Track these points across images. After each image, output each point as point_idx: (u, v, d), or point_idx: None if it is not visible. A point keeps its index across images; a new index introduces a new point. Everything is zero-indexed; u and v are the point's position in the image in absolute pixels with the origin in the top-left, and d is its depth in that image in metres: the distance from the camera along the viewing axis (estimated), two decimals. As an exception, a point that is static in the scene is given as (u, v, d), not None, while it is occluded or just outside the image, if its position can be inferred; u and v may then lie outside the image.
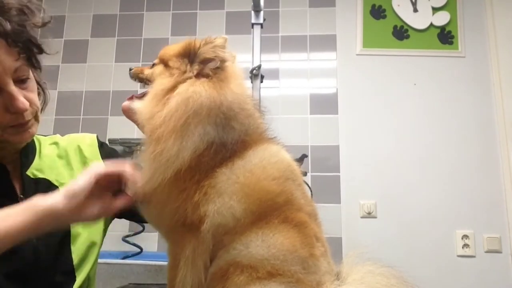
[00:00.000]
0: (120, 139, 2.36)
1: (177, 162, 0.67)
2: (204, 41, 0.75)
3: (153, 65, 0.81)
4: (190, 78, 0.73)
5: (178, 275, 0.68)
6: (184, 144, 0.67)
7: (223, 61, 0.74)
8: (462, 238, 2.26)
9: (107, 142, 1.15)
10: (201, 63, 0.74)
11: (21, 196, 0.86)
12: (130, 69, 0.85)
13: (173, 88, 0.72)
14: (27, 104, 0.79)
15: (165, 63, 0.77)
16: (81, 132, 1.07)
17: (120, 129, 2.48)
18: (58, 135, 1.03)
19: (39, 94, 0.89)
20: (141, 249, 2.16)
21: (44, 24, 0.83)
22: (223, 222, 0.66)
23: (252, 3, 1.65)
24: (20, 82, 0.80)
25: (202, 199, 0.67)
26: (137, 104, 0.75)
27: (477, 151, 2.35)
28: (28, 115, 0.81)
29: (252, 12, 1.68)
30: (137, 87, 2.65)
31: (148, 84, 0.80)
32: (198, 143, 0.68)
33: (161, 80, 0.74)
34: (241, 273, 0.64)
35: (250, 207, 0.66)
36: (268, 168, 0.69)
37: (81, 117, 2.60)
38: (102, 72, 2.65)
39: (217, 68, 0.73)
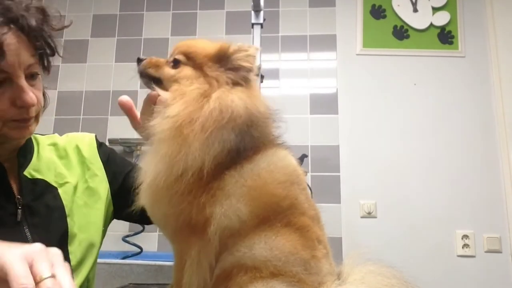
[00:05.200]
0: (120, 139, 2.36)
1: (197, 165, 0.66)
2: (237, 48, 0.74)
3: (174, 61, 0.76)
4: (227, 85, 0.72)
5: (185, 276, 0.68)
6: (208, 150, 0.66)
7: (252, 71, 0.74)
8: (462, 238, 2.26)
9: (106, 142, 1.13)
10: (233, 70, 0.73)
11: (18, 196, 0.85)
12: (140, 59, 0.79)
13: (210, 94, 0.70)
14: (35, 99, 0.79)
15: (197, 65, 0.74)
16: (81, 132, 1.06)
17: (120, 129, 2.48)
18: (56, 135, 1.02)
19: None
20: (141, 249, 2.16)
21: (61, 28, 0.87)
22: (229, 225, 0.66)
23: (252, 3, 1.65)
24: (30, 78, 0.81)
25: (209, 201, 0.66)
26: (169, 104, 0.72)
27: (477, 151, 2.35)
28: (32, 112, 0.81)
29: (252, 12, 1.68)
30: (137, 87, 2.66)
31: (157, 84, 0.76)
32: (219, 150, 0.67)
33: (196, 85, 0.72)
34: (245, 273, 0.64)
35: (255, 210, 0.67)
36: (275, 172, 0.70)
37: (81, 117, 2.60)
38: (102, 72, 2.65)
39: (246, 77, 0.73)
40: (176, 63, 0.76)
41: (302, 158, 2.30)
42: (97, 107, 2.58)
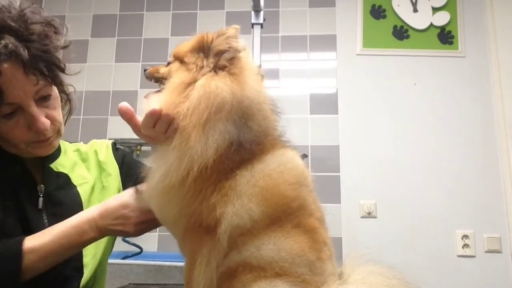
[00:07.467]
0: (120, 139, 2.36)
1: (200, 160, 0.66)
2: (216, 34, 0.74)
3: (168, 63, 0.80)
4: (209, 72, 0.71)
5: (193, 274, 0.68)
6: (208, 142, 0.66)
7: (237, 51, 0.73)
8: (462, 238, 2.26)
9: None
10: (216, 56, 0.72)
11: (42, 185, 0.90)
12: (145, 70, 0.85)
13: (192, 82, 0.71)
14: (47, 124, 0.83)
15: (180, 60, 0.76)
16: (80, 132, 1.10)
17: (120, 129, 2.48)
18: (81, 143, 1.09)
19: (65, 104, 0.94)
20: (141, 249, 2.16)
21: (65, 47, 0.88)
22: (240, 224, 0.66)
23: (252, 3, 1.65)
24: (43, 99, 0.83)
25: (220, 201, 0.66)
26: (153, 97, 0.74)
27: (477, 151, 2.35)
28: (49, 133, 0.85)
29: (252, 12, 1.68)
30: (137, 87, 2.63)
31: (163, 83, 0.79)
32: (220, 141, 0.67)
33: (179, 74, 0.73)
34: (249, 272, 0.65)
35: (267, 210, 0.67)
36: (285, 174, 0.71)
37: (81, 117, 2.59)
38: (102, 72, 2.65)
39: (232, 58, 0.72)
40: (168, 65, 0.80)
41: (302, 158, 2.30)
42: (97, 107, 2.58)
